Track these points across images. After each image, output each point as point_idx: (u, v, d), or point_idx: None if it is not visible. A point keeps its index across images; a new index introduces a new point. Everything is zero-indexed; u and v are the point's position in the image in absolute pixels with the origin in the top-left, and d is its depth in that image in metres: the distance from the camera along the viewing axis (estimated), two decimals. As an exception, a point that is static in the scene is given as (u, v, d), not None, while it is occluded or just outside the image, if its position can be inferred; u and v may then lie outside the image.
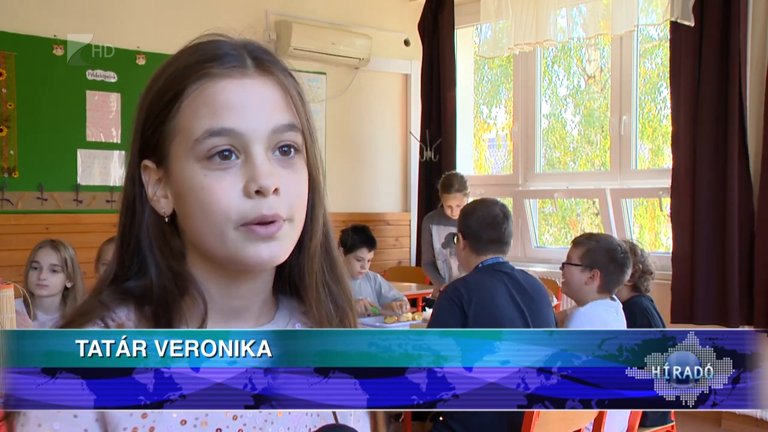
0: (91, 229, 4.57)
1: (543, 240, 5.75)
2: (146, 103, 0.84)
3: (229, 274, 0.85)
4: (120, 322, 0.83)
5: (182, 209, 0.83)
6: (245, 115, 0.79)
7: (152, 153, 0.84)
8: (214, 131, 0.79)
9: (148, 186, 0.85)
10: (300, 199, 0.83)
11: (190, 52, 0.84)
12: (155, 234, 0.85)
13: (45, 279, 2.88)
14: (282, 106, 0.82)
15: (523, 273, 2.74)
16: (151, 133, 0.83)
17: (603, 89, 5.49)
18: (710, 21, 4.25)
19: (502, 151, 6.29)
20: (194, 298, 0.85)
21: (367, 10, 5.94)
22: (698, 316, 4.32)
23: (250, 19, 5.26)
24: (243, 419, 0.84)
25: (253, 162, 0.79)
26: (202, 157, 0.79)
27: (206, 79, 0.80)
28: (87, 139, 4.62)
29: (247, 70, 0.82)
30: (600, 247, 2.86)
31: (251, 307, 0.89)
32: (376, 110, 6.08)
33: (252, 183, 0.78)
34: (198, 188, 0.79)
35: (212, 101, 0.80)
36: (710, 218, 4.30)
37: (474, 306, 2.49)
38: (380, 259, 5.89)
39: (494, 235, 2.69)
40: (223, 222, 0.79)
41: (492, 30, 5.34)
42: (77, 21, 4.57)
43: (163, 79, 0.83)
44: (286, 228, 0.82)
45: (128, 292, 0.85)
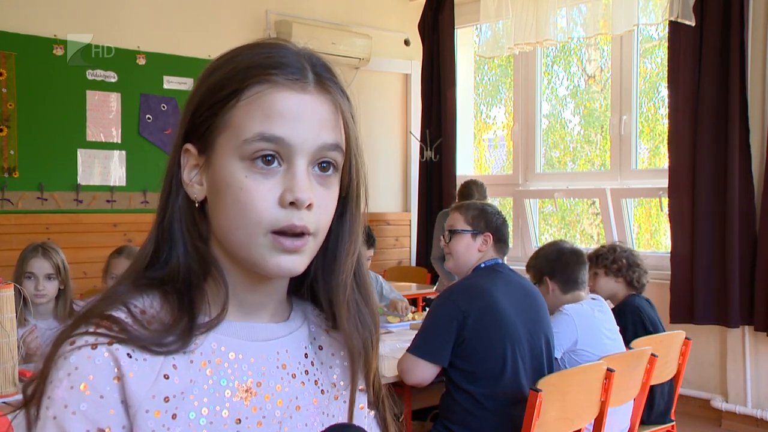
0: (91, 229, 4.57)
1: (543, 240, 5.75)
2: (202, 90, 0.86)
3: (248, 271, 0.86)
4: (142, 308, 0.84)
5: (215, 202, 0.84)
6: (297, 128, 0.81)
7: (197, 139, 0.86)
8: (265, 136, 0.81)
9: (185, 170, 0.86)
10: (328, 216, 0.85)
11: (256, 52, 0.85)
12: (186, 216, 0.87)
13: (42, 289, 2.87)
14: (332, 125, 0.84)
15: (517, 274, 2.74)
16: (201, 120, 0.85)
17: (603, 89, 5.49)
18: (710, 20, 4.25)
19: (501, 150, 6.29)
20: (217, 281, 0.86)
21: (367, 10, 5.94)
22: (697, 317, 4.32)
23: (250, 19, 5.27)
24: (263, 411, 0.85)
25: (294, 173, 0.81)
26: (247, 158, 0.81)
27: (268, 84, 0.82)
28: (87, 139, 4.62)
29: (308, 85, 0.83)
30: (540, 260, 3.04)
31: (267, 305, 0.91)
32: (377, 110, 6.08)
33: (289, 193, 0.81)
34: (237, 187, 0.81)
35: (269, 108, 0.81)
36: (710, 218, 4.30)
37: (474, 314, 2.47)
38: (380, 259, 5.89)
39: (505, 234, 2.73)
40: (254, 225, 0.81)
41: (492, 30, 5.34)
42: (77, 21, 4.57)
43: (223, 72, 0.84)
44: (310, 243, 0.84)
45: (155, 279, 0.86)
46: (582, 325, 2.82)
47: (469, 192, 4.82)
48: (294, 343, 0.91)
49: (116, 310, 0.83)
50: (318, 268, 0.92)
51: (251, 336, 0.88)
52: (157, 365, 0.80)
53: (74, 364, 0.78)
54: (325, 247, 0.88)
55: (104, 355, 0.78)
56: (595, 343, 2.80)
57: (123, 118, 4.74)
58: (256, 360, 0.87)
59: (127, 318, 0.82)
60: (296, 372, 0.90)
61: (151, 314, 0.83)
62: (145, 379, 0.79)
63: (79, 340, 0.79)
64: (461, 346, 2.46)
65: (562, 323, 2.80)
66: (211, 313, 0.86)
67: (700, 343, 4.37)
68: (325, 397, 0.92)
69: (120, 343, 0.79)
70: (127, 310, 0.83)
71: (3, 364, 2.27)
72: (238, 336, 0.87)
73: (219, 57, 0.87)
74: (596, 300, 2.99)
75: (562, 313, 2.83)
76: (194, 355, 0.83)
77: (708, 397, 4.50)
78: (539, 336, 2.59)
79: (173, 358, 0.82)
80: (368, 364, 0.93)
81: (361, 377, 0.94)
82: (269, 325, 0.90)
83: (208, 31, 4.97)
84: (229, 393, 0.84)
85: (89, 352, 0.78)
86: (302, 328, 0.94)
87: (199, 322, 0.84)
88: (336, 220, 0.88)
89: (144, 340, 0.80)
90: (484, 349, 2.45)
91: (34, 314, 2.84)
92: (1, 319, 2.26)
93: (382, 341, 3.15)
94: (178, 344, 0.82)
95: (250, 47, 0.86)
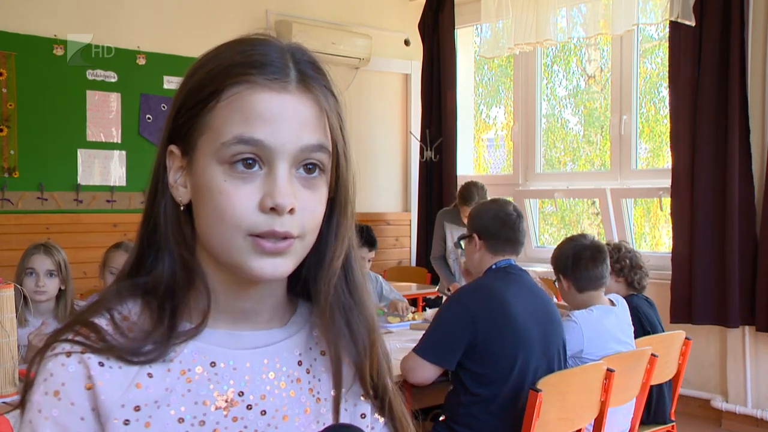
0: (91, 229, 4.57)
1: (543, 240, 5.75)
2: (185, 90, 0.84)
3: (236, 276, 0.84)
4: (125, 315, 0.83)
5: (197, 205, 0.83)
6: (277, 130, 0.79)
7: (180, 140, 0.84)
8: (244, 139, 0.78)
9: (170, 172, 0.84)
10: (314, 219, 0.82)
11: (237, 50, 0.82)
12: (171, 220, 0.85)
13: (43, 285, 2.86)
14: (315, 126, 0.81)
15: (529, 275, 2.70)
16: (183, 121, 0.83)
17: (603, 89, 5.49)
18: (710, 20, 4.25)
19: (501, 150, 6.29)
20: (200, 291, 0.84)
21: (367, 10, 5.94)
22: (697, 317, 4.31)
23: (250, 19, 5.26)
24: (244, 422, 0.83)
25: (275, 177, 0.79)
26: (226, 161, 0.79)
27: (246, 85, 0.79)
28: (87, 139, 4.62)
29: (289, 84, 0.80)
30: (556, 257, 2.94)
31: (260, 310, 0.88)
32: (377, 110, 6.08)
33: (269, 198, 0.78)
34: (216, 192, 0.79)
35: (248, 110, 0.79)
36: (710, 218, 4.30)
37: (485, 316, 2.43)
38: (380, 259, 5.89)
39: (512, 234, 2.60)
40: (233, 229, 0.79)
41: (492, 30, 5.34)
42: (77, 21, 4.57)
43: (205, 71, 0.82)
44: (296, 245, 0.81)
45: (139, 285, 0.85)
46: (589, 333, 2.73)
47: (470, 194, 4.80)
48: (286, 350, 0.88)
49: (99, 316, 0.82)
50: (309, 270, 0.89)
51: (236, 344, 0.85)
52: (131, 374, 0.79)
53: (50, 371, 0.78)
54: (315, 249, 0.86)
55: (77, 363, 0.78)
56: (600, 352, 2.70)
57: (123, 118, 4.74)
58: (239, 369, 0.84)
59: (107, 325, 0.81)
60: (285, 381, 0.87)
61: (133, 321, 0.82)
62: (115, 388, 0.78)
63: (58, 347, 0.79)
64: (474, 349, 2.41)
65: (569, 330, 2.71)
66: (193, 320, 0.84)
67: (700, 343, 4.37)
68: (321, 405, 0.89)
69: (93, 352, 0.78)
70: (109, 317, 0.82)
71: (3, 365, 2.27)
72: (222, 344, 0.84)
73: (204, 54, 0.85)
74: (614, 306, 2.88)
75: (570, 319, 2.75)
76: (173, 364, 0.81)
77: (708, 397, 4.50)
78: (552, 338, 2.54)
79: (150, 366, 0.80)
80: (362, 371, 0.90)
81: (357, 384, 0.91)
82: (258, 332, 0.87)
83: (208, 31, 4.97)
84: (208, 402, 0.82)
85: (63, 359, 0.78)
86: (300, 334, 0.91)
87: (181, 330, 0.83)
88: (325, 222, 0.85)
89: (120, 350, 0.79)
90: (496, 352, 2.42)
91: (35, 314, 2.84)
92: (1, 319, 2.26)
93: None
94: (155, 353, 0.80)
95: (233, 44, 0.84)
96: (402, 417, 0.95)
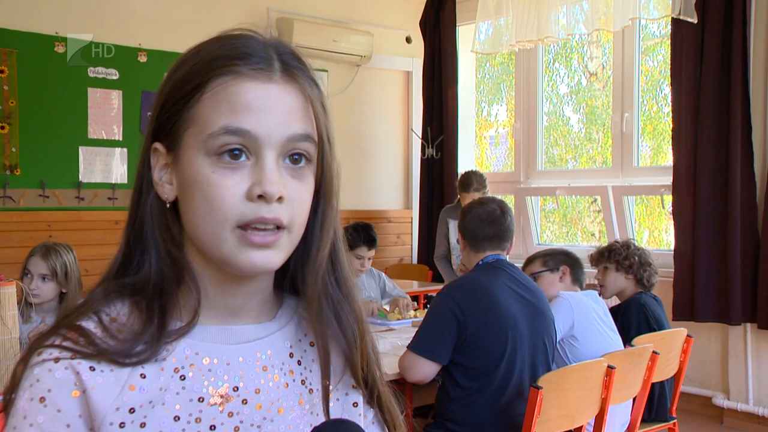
0: (92, 227, 4.57)
1: (544, 237, 5.75)
2: (167, 87, 0.83)
3: (225, 272, 0.84)
4: (114, 317, 0.82)
5: (184, 200, 0.82)
6: (263, 119, 0.79)
7: (164, 137, 0.83)
8: (230, 129, 0.78)
9: (155, 169, 0.84)
10: (302, 209, 0.83)
11: (220, 44, 0.83)
12: (158, 218, 0.84)
13: (35, 288, 2.82)
14: (301, 115, 0.82)
15: (519, 270, 2.74)
16: (167, 117, 0.82)
17: (605, 86, 5.48)
18: (712, 17, 4.24)
19: (502, 148, 6.28)
20: (189, 289, 0.84)
21: (368, 7, 5.94)
22: (699, 314, 4.31)
23: (251, 16, 5.26)
24: (240, 416, 0.83)
25: (263, 166, 0.79)
26: (213, 153, 0.79)
27: (232, 75, 0.80)
28: (89, 137, 4.62)
29: (273, 74, 0.81)
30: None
31: (249, 306, 0.88)
32: (378, 107, 6.08)
33: (257, 187, 0.78)
34: (204, 183, 0.79)
35: (234, 99, 0.79)
36: (712, 215, 4.30)
37: (473, 310, 2.46)
38: (382, 257, 5.89)
39: (491, 231, 2.67)
40: (222, 221, 0.79)
41: (493, 27, 5.33)
42: (79, 18, 4.57)
43: (188, 67, 0.82)
44: (284, 238, 0.81)
45: (126, 286, 0.85)
46: (578, 309, 2.87)
47: (469, 180, 4.81)
48: (277, 343, 0.89)
49: (87, 319, 0.81)
50: (296, 263, 0.89)
51: (228, 339, 0.85)
52: (124, 376, 0.79)
53: (36, 376, 0.77)
54: (302, 241, 0.86)
55: (64, 370, 0.77)
56: (590, 329, 2.86)
57: (124, 115, 4.74)
58: (233, 364, 0.84)
59: (96, 328, 0.81)
60: (279, 373, 0.87)
61: (122, 322, 0.82)
62: (108, 392, 0.78)
63: (45, 352, 0.78)
64: (464, 343, 2.45)
65: (559, 307, 2.84)
66: (183, 318, 0.84)
67: (701, 340, 4.37)
68: (314, 396, 0.89)
69: (83, 357, 0.78)
70: (97, 320, 0.81)
71: (5, 362, 2.27)
72: (214, 340, 0.84)
73: (185, 52, 0.85)
74: (590, 292, 3.05)
75: (559, 297, 2.90)
76: (165, 363, 0.81)
77: (709, 394, 4.49)
78: (540, 330, 2.59)
79: (142, 367, 0.80)
80: (352, 362, 0.90)
81: (348, 375, 0.91)
82: (249, 326, 0.87)
83: (209, 28, 4.89)
84: (203, 399, 0.82)
85: (51, 365, 0.77)
86: (289, 326, 0.91)
87: (171, 328, 0.82)
88: (311, 213, 0.85)
89: (110, 353, 0.79)
90: (485, 345, 2.45)
91: (37, 311, 2.83)
92: (3, 316, 2.27)
93: (384, 338, 3.15)
94: (147, 353, 0.80)
95: (214, 40, 0.84)
96: (391, 406, 0.96)
